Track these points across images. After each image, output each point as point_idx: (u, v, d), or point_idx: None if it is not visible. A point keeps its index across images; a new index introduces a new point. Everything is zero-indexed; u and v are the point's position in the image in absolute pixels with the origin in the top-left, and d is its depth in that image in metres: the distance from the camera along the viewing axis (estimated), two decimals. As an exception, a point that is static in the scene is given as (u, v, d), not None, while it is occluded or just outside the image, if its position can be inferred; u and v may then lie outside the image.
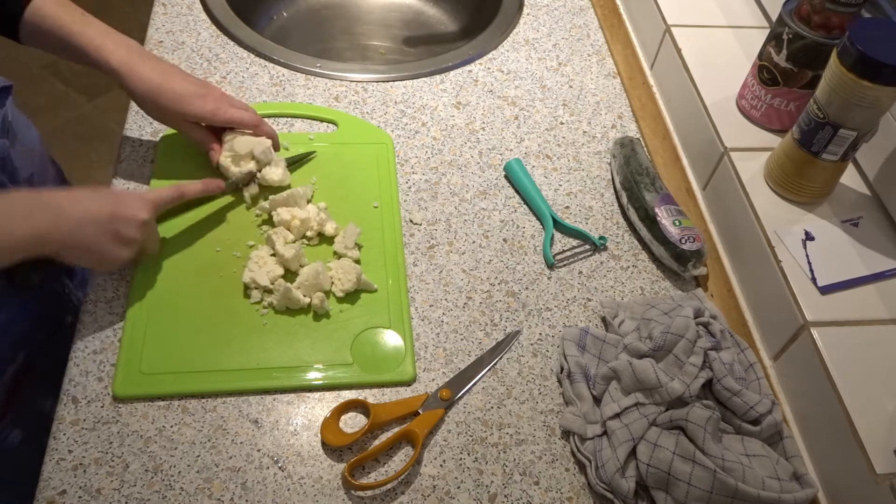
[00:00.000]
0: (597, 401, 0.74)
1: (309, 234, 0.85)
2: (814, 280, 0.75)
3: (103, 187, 0.77)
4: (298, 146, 0.94)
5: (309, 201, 0.88)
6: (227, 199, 0.88)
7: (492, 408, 0.75)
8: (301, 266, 0.81)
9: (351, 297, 0.80)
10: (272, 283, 0.79)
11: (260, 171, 0.88)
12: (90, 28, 0.79)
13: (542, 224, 0.92)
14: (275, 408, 0.73)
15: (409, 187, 0.94)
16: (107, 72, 0.80)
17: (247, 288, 0.79)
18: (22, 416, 0.84)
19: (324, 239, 0.85)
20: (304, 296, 0.78)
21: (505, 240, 0.90)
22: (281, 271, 0.80)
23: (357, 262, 0.83)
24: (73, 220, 0.67)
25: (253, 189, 0.88)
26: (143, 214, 0.72)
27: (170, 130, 0.93)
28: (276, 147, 0.90)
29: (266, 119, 0.98)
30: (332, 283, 0.80)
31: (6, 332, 0.80)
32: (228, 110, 0.85)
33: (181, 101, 0.82)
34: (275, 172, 0.88)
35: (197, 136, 0.87)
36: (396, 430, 0.72)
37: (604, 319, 0.83)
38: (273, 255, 0.81)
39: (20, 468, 0.79)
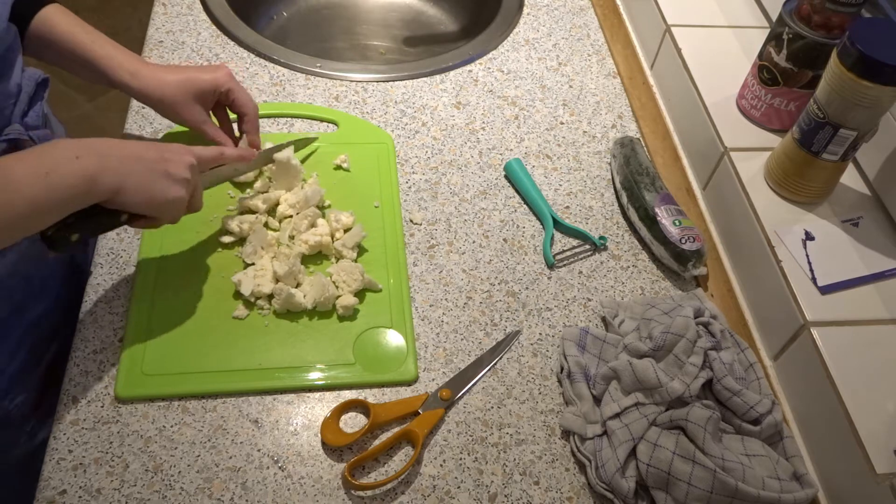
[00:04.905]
0: (597, 401, 0.74)
1: (337, 235, 0.84)
2: (814, 280, 0.75)
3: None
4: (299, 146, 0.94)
5: (320, 207, 0.87)
6: (232, 202, 0.88)
7: (492, 408, 0.75)
8: (299, 284, 0.80)
9: (355, 296, 0.80)
10: (254, 299, 0.78)
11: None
12: (98, 39, 0.79)
13: (542, 224, 0.92)
14: (275, 408, 0.73)
15: (410, 187, 0.94)
16: (115, 80, 0.79)
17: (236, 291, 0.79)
18: (52, 411, 0.84)
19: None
20: (305, 294, 0.78)
21: (505, 240, 0.90)
22: (269, 290, 0.78)
23: (355, 261, 0.83)
24: (121, 159, 0.66)
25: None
26: (191, 158, 0.72)
27: (173, 130, 0.93)
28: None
29: (266, 119, 0.98)
30: (338, 286, 0.80)
31: (42, 324, 0.80)
32: (239, 88, 0.84)
33: (189, 79, 0.81)
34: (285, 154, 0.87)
35: (211, 134, 0.84)
36: (396, 429, 0.72)
37: (604, 319, 0.83)
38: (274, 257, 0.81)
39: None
